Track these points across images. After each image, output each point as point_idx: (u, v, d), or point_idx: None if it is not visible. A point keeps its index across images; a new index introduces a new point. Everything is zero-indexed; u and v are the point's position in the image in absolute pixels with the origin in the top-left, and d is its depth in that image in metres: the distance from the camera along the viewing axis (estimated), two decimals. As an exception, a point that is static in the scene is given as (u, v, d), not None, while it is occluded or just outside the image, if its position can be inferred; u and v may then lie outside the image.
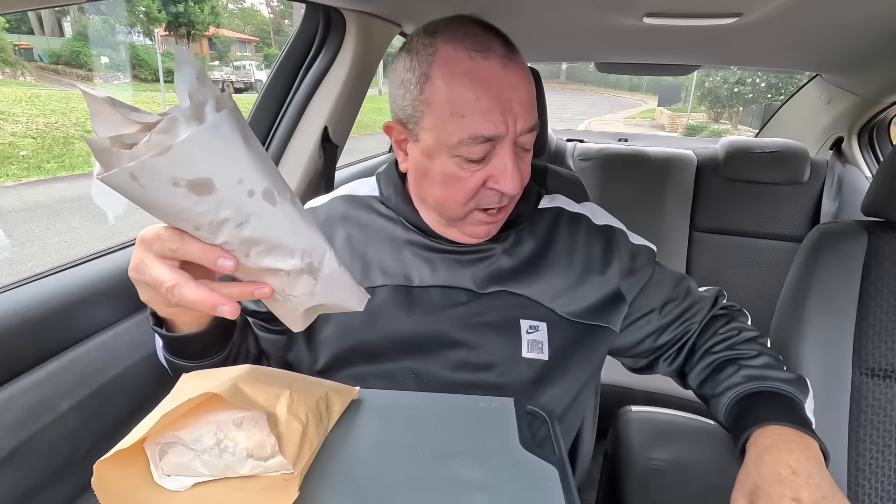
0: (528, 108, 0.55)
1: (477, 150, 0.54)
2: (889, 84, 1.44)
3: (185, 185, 0.30)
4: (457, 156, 0.55)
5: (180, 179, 0.30)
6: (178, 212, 0.32)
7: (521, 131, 0.55)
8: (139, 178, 0.29)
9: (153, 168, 0.29)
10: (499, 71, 0.54)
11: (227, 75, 15.69)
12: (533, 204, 0.69)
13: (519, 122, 0.54)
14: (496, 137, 0.54)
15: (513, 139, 0.55)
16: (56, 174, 5.70)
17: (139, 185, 0.29)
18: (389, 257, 0.62)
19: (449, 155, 0.55)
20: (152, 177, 0.29)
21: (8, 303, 0.54)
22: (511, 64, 0.55)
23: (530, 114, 0.55)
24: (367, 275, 0.62)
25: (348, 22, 0.98)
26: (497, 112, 0.53)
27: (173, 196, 0.30)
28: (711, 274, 1.63)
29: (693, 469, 0.72)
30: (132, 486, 0.36)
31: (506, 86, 0.54)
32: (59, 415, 0.52)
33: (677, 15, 0.98)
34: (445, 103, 0.54)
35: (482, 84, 0.53)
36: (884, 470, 0.68)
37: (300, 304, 0.40)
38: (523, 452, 0.44)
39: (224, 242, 0.34)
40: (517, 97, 0.54)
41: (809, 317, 0.73)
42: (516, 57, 0.56)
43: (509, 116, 0.53)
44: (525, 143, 0.57)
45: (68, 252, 3.58)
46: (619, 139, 2.25)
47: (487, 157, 0.55)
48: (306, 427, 0.40)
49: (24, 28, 13.55)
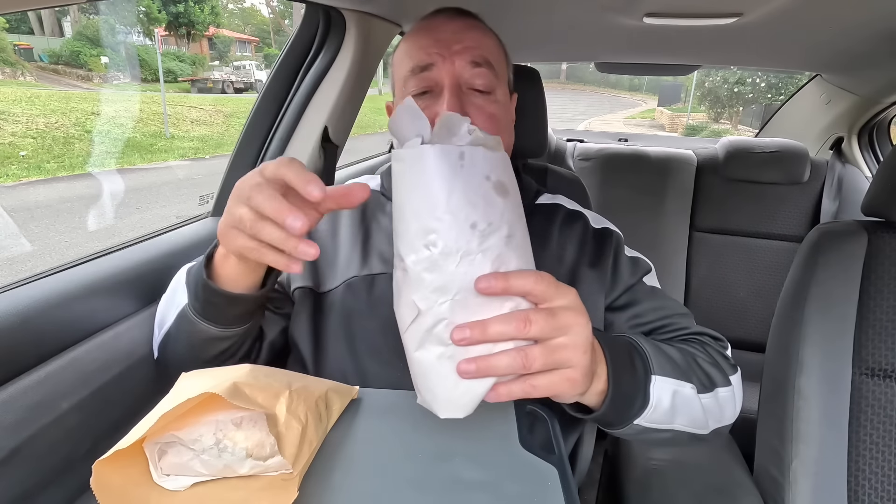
0: (472, 47, 0.60)
1: (416, 82, 0.59)
2: (889, 84, 1.44)
3: (493, 182, 0.36)
4: (408, 96, 0.59)
5: (491, 175, 0.37)
6: (473, 200, 0.35)
7: (462, 65, 0.59)
8: (465, 159, 0.35)
9: (481, 156, 0.36)
10: (444, 20, 0.62)
11: (227, 75, 15.69)
12: (530, 197, 0.69)
13: (459, 57, 0.59)
14: (430, 66, 0.59)
15: (454, 74, 0.58)
16: (56, 174, 5.70)
17: (461, 165, 0.35)
18: (389, 249, 0.64)
19: (401, 99, 0.59)
20: (474, 163, 0.36)
21: (8, 303, 0.54)
22: (460, 17, 0.62)
23: (474, 50, 0.59)
24: (367, 262, 0.63)
25: (348, 22, 0.98)
26: (434, 46, 0.59)
27: (480, 186, 0.36)
28: (711, 274, 1.63)
29: (693, 469, 0.72)
30: (131, 486, 0.36)
31: (448, 29, 0.60)
32: (59, 415, 0.52)
33: (677, 15, 0.98)
34: (401, 54, 0.62)
35: (426, 29, 0.61)
36: (884, 470, 0.68)
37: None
38: (523, 452, 0.44)
39: (487, 247, 0.36)
40: (459, 37, 0.59)
41: (809, 317, 0.73)
42: (469, 16, 0.63)
43: (446, 50, 0.58)
44: (474, 83, 0.60)
45: (68, 252, 3.58)
46: (619, 139, 2.24)
47: (432, 94, 0.59)
48: (305, 427, 0.40)
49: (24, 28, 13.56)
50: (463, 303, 0.35)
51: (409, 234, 0.36)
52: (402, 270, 0.37)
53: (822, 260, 0.74)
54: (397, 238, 0.38)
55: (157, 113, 8.95)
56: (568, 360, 0.38)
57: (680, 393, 0.51)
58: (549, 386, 0.38)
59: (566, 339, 0.37)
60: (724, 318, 1.59)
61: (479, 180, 0.36)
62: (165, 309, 0.59)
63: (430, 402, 0.38)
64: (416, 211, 0.36)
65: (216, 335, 0.54)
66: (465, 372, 0.35)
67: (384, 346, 0.59)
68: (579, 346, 0.38)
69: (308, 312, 0.63)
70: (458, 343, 0.35)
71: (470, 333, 0.35)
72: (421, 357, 0.37)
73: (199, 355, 0.57)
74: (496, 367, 0.35)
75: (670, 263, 1.64)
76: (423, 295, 0.35)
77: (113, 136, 7.46)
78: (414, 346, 0.37)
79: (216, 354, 0.57)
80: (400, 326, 0.38)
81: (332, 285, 0.63)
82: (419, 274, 0.35)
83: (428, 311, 0.35)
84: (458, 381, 0.36)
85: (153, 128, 8.36)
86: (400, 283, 0.38)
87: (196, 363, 0.54)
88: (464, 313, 0.35)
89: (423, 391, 0.38)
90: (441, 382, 0.37)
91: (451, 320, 0.35)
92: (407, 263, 0.36)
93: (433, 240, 0.35)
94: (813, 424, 0.70)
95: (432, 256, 0.35)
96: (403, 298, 0.37)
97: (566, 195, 0.75)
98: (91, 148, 6.84)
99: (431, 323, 0.36)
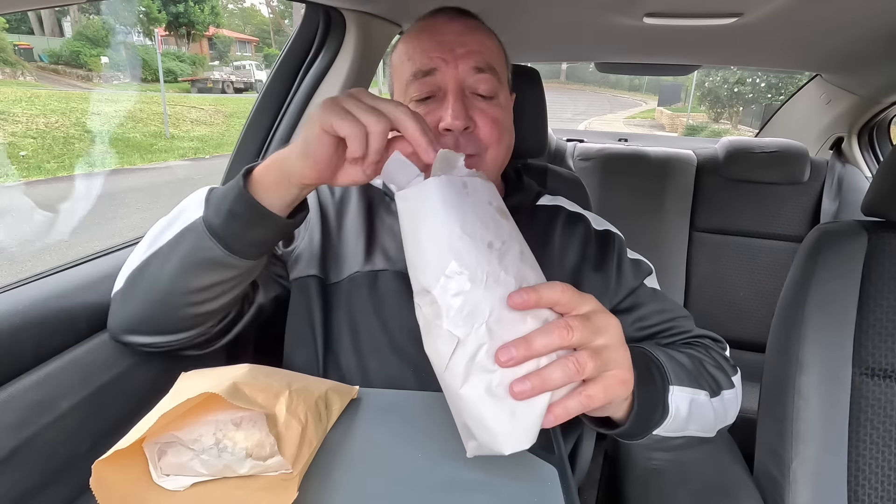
0: (476, 51, 0.59)
1: (419, 86, 0.58)
2: (889, 84, 1.44)
3: (495, 207, 0.39)
4: (410, 101, 0.59)
5: (492, 200, 0.39)
6: (485, 221, 0.37)
7: (466, 70, 0.58)
8: (468, 187, 0.38)
9: (481, 185, 0.39)
10: (444, 21, 0.61)
11: (227, 75, 15.69)
12: (531, 199, 0.69)
13: (462, 61, 0.58)
14: (434, 71, 0.58)
15: (458, 79, 0.58)
16: (56, 174, 5.70)
17: (466, 192, 0.38)
18: (392, 246, 0.64)
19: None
20: (476, 190, 0.38)
21: (8, 303, 0.54)
22: (461, 17, 0.61)
23: (477, 55, 0.59)
24: (371, 258, 0.63)
25: (348, 22, 0.98)
26: (436, 49, 0.58)
27: (486, 209, 0.38)
28: (711, 274, 1.63)
29: (693, 469, 0.72)
30: (131, 486, 0.36)
31: (450, 31, 0.60)
32: (59, 415, 0.52)
33: (677, 15, 0.98)
34: (401, 56, 0.61)
35: (427, 31, 0.60)
36: (884, 470, 0.68)
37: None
38: (523, 452, 0.44)
39: (507, 264, 0.36)
40: (462, 40, 0.59)
41: (809, 317, 0.73)
42: (470, 17, 0.62)
43: (450, 54, 0.58)
44: (477, 88, 0.59)
45: (68, 252, 3.58)
46: (619, 139, 2.24)
47: (436, 99, 0.59)
48: (305, 427, 0.40)
49: (24, 28, 13.56)
50: (498, 323, 0.35)
51: (429, 267, 0.36)
52: (428, 304, 0.36)
53: (822, 260, 0.74)
54: (417, 273, 0.37)
55: (157, 113, 8.96)
56: (614, 359, 0.37)
57: (696, 401, 0.52)
58: (603, 392, 0.37)
59: (605, 339, 0.37)
60: (724, 318, 1.58)
61: (484, 205, 0.38)
62: (159, 232, 0.54)
63: (489, 441, 0.35)
64: (433, 242, 0.36)
65: (218, 259, 0.50)
66: (521, 392, 0.34)
67: (385, 343, 0.59)
68: (619, 344, 0.38)
69: (319, 303, 0.62)
70: (505, 364, 0.34)
71: (516, 352, 0.34)
72: (468, 393, 0.35)
73: (183, 284, 0.51)
74: (551, 379, 0.34)
75: (670, 263, 1.64)
76: (457, 322, 0.35)
77: (113, 136, 7.46)
78: (458, 382, 0.35)
79: (203, 288, 0.52)
80: (437, 364, 0.36)
81: (339, 278, 0.63)
82: (449, 302, 0.35)
83: (466, 337, 0.34)
84: (513, 408, 0.35)
85: (153, 128, 8.37)
86: (429, 319, 0.36)
87: (170, 296, 0.51)
88: (501, 335, 0.35)
89: (478, 433, 0.36)
90: (497, 415, 0.35)
91: (490, 345, 0.34)
92: (434, 295, 0.35)
93: (456, 266, 0.35)
94: (813, 424, 0.70)
95: (460, 282, 0.35)
96: (436, 332, 0.35)
97: (566, 195, 0.75)
98: (91, 148, 6.85)
99: (473, 350, 0.34)
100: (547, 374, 0.34)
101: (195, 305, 0.53)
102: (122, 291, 0.56)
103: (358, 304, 0.61)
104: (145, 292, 0.54)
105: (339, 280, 0.63)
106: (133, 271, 0.55)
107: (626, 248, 0.68)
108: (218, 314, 0.57)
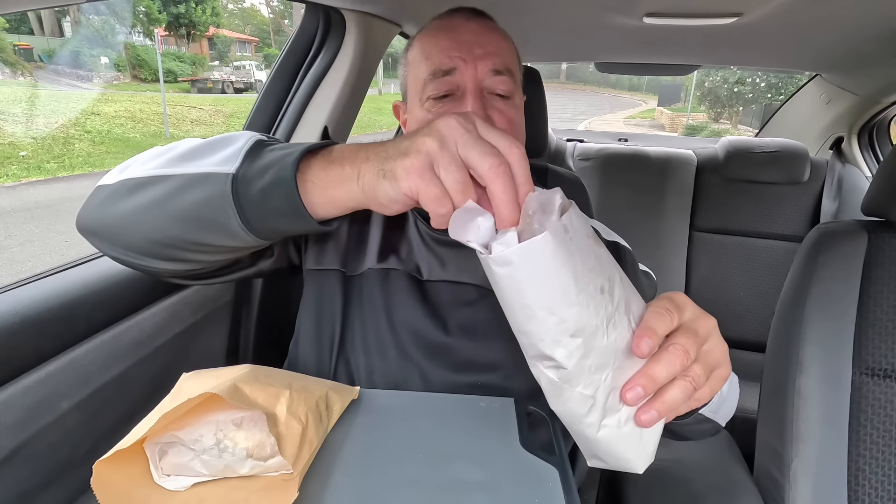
0: (494, 53, 0.58)
1: (437, 85, 0.58)
2: (889, 84, 1.44)
3: (591, 237, 0.36)
4: (427, 99, 0.58)
5: (588, 232, 0.36)
6: (592, 265, 0.34)
7: (484, 71, 0.58)
8: (569, 231, 0.34)
9: (576, 218, 0.35)
10: (462, 21, 0.60)
11: (227, 75, 15.69)
12: None
13: (481, 62, 0.57)
14: (453, 71, 0.57)
15: (476, 80, 0.57)
16: (56, 174, 5.71)
17: (569, 238, 0.33)
18: (404, 247, 0.64)
19: (421, 103, 0.59)
20: (576, 229, 0.34)
21: (8, 303, 0.54)
22: (477, 18, 0.61)
23: (496, 57, 0.58)
24: (385, 256, 0.63)
25: (348, 22, 0.98)
26: (455, 49, 0.57)
27: (588, 247, 0.34)
28: (711, 274, 1.63)
29: (693, 469, 0.72)
30: (132, 486, 0.36)
31: (468, 31, 0.59)
32: (59, 415, 0.52)
33: (677, 15, 0.98)
34: (417, 55, 0.60)
35: (445, 30, 0.60)
36: (884, 470, 0.68)
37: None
38: (523, 453, 0.44)
39: (617, 302, 0.35)
40: (480, 41, 0.58)
41: (809, 317, 0.73)
42: (486, 18, 0.62)
43: (468, 54, 0.57)
44: (495, 89, 0.59)
45: (68, 252, 3.58)
46: (619, 139, 2.24)
47: (453, 98, 0.58)
48: (306, 427, 0.40)
49: (24, 28, 13.56)
50: (621, 369, 0.35)
51: (549, 332, 0.33)
52: (552, 369, 0.35)
53: (821, 260, 0.74)
54: (532, 339, 0.34)
55: (158, 113, 8.96)
56: (717, 359, 0.38)
57: (732, 379, 0.53)
58: (710, 391, 0.37)
59: (710, 343, 0.37)
60: (724, 318, 1.58)
61: (585, 243, 0.34)
62: (186, 152, 0.47)
63: (621, 466, 0.38)
64: (547, 307, 0.33)
65: (230, 228, 0.43)
66: (649, 422, 0.35)
67: (391, 342, 0.59)
68: (719, 342, 0.38)
69: (340, 298, 0.61)
70: (633, 403, 0.34)
71: (643, 390, 0.34)
72: (604, 435, 0.36)
73: (177, 229, 0.45)
74: (673, 403, 0.35)
75: (670, 263, 1.64)
76: (588, 381, 0.34)
77: (113, 137, 7.46)
78: (594, 430, 0.36)
79: (198, 242, 0.46)
80: (570, 420, 0.36)
81: (357, 271, 0.63)
82: (577, 364, 0.34)
83: (597, 391, 0.35)
84: (641, 434, 0.36)
85: (153, 128, 8.37)
86: (556, 383, 0.35)
87: (157, 232, 0.45)
88: (625, 375, 0.35)
89: (610, 461, 0.38)
90: (629, 445, 0.37)
91: (616, 388, 0.35)
92: (559, 360, 0.34)
93: (578, 327, 0.33)
94: (813, 424, 0.70)
95: (585, 342, 0.34)
96: (567, 395, 0.35)
97: (567, 196, 0.75)
98: (91, 148, 6.85)
99: (603, 400, 0.35)
100: (669, 399, 0.35)
101: (180, 250, 0.47)
102: (110, 194, 0.48)
103: (369, 299, 0.61)
104: (132, 213, 0.45)
105: (357, 273, 0.63)
106: (132, 181, 0.47)
107: (636, 261, 0.69)
108: (201, 265, 0.51)
